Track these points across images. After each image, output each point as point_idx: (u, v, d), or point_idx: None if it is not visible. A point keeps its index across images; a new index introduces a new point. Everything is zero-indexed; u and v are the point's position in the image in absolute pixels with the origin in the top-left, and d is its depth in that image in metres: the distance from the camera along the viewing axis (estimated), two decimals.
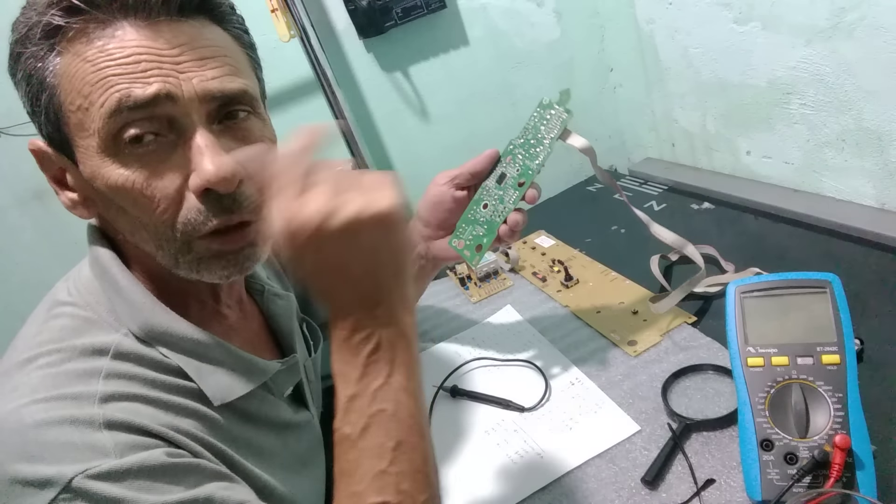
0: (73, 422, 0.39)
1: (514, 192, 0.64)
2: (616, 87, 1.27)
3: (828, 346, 0.51)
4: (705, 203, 1.00)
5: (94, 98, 0.41)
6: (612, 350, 0.73)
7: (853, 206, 0.84)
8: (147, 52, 0.41)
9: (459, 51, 1.14)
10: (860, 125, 0.78)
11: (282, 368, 0.55)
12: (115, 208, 0.45)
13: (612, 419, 0.63)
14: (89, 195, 0.46)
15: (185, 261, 0.46)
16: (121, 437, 0.40)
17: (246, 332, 0.58)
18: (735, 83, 0.94)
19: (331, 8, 1.05)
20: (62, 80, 0.42)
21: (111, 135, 0.41)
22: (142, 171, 0.42)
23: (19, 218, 1.06)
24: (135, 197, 0.43)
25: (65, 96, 0.42)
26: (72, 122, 0.42)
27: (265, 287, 0.62)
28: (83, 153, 0.43)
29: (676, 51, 1.03)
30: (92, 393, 0.41)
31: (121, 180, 0.42)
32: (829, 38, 0.76)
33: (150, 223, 0.44)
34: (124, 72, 0.41)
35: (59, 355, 0.43)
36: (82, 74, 0.41)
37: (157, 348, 0.46)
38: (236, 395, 0.49)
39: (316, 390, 0.68)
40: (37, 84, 0.42)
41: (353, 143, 1.05)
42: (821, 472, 0.46)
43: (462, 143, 1.21)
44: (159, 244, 0.45)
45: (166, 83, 0.41)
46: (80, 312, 0.46)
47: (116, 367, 0.44)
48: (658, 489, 0.55)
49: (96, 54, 0.41)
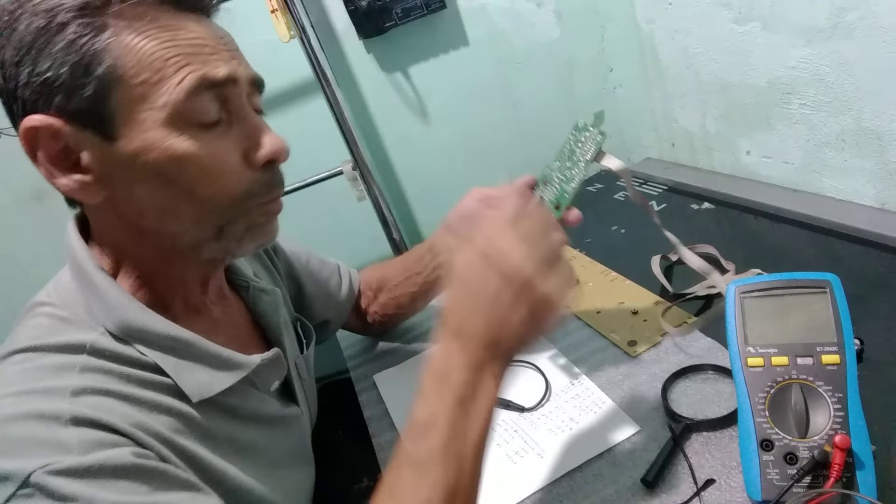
0: (40, 416, 0.39)
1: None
2: (616, 87, 1.27)
3: (828, 346, 0.51)
4: (705, 203, 1.00)
5: (166, 73, 0.43)
6: (612, 350, 0.73)
7: (853, 206, 0.84)
8: (209, 39, 0.45)
9: (459, 51, 1.14)
10: (860, 125, 0.78)
11: (264, 363, 0.55)
12: (156, 184, 0.45)
13: (612, 419, 0.63)
14: (114, 173, 0.45)
15: (234, 229, 0.49)
16: (86, 433, 0.39)
17: (230, 328, 0.58)
18: (735, 83, 0.94)
19: (331, 8, 1.05)
20: (124, 54, 0.42)
21: (185, 109, 0.44)
22: (209, 144, 0.45)
23: (19, 218, 1.06)
24: (201, 167, 0.45)
25: (125, 70, 0.42)
26: (130, 94, 0.43)
27: (250, 283, 0.62)
28: (136, 126, 0.43)
29: (676, 51, 1.03)
30: (64, 387, 0.41)
31: (191, 151, 0.44)
32: (829, 38, 0.76)
33: (206, 194, 0.46)
34: (194, 52, 0.44)
35: (35, 353, 0.43)
36: (152, 50, 0.43)
37: (134, 346, 0.46)
38: (215, 392, 0.49)
39: (310, 388, 0.68)
40: (87, 56, 0.41)
41: (353, 143, 1.05)
42: (821, 472, 0.46)
43: (462, 143, 1.21)
44: (201, 218, 0.47)
45: (229, 66, 0.46)
46: (57, 312, 0.47)
47: (92, 362, 0.44)
48: (658, 489, 0.55)
49: (163, 33, 0.43)
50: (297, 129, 1.12)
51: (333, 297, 0.80)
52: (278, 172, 0.51)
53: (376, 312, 0.86)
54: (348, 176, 1.07)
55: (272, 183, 0.50)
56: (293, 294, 0.75)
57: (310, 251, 0.80)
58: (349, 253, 1.21)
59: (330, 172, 1.09)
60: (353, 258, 0.94)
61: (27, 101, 0.43)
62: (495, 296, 0.43)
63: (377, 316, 0.86)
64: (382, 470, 0.68)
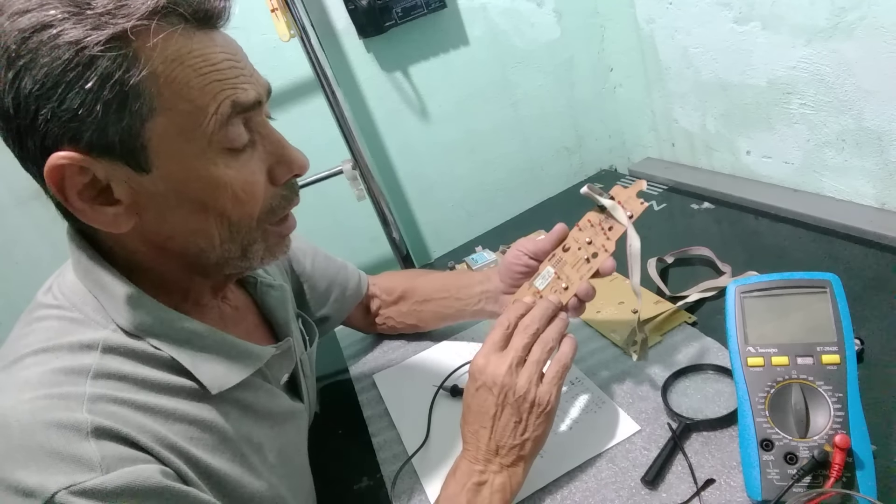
0: (60, 426, 0.38)
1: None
2: (616, 87, 1.27)
3: (828, 346, 0.51)
4: (705, 203, 1.00)
5: (200, 102, 0.42)
6: (612, 350, 0.73)
7: (853, 206, 0.84)
8: (230, 58, 0.44)
9: (459, 51, 1.14)
10: (860, 125, 0.78)
11: (277, 353, 0.55)
12: (188, 210, 0.44)
13: (612, 419, 0.64)
14: (146, 203, 0.44)
15: (256, 249, 0.49)
16: (108, 448, 0.39)
17: (241, 323, 0.58)
18: (735, 83, 0.94)
19: (331, 8, 1.05)
20: (158, 86, 0.40)
21: (219, 138, 0.43)
22: (242, 168, 0.45)
23: (19, 218, 1.06)
24: (234, 191, 0.45)
25: (160, 102, 0.41)
26: (165, 126, 0.41)
27: (258, 279, 0.62)
28: (171, 157, 0.42)
29: (676, 51, 1.03)
30: (80, 394, 0.41)
31: (226, 178, 0.44)
32: (829, 38, 0.76)
33: (237, 216, 0.46)
34: (223, 77, 0.43)
35: (46, 355, 0.43)
36: (185, 80, 0.41)
37: (147, 341, 0.46)
38: (233, 383, 0.49)
39: (311, 385, 0.69)
40: (122, 92, 0.39)
41: (353, 143, 1.05)
42: (821, 472, 0.46)
43: (461, 142, 1.21)
44: (231, 237, 0.47)
45: (254, 87, 0.45)
46: (66, 314, 0.46)
47: (105, 363, 0.43)
48: (658, 489, 0.55)
49: (193, 59, 0.41)
50: (297, 128, 1.11)
51: (337, 295, 0.80)
52: (296, 183, 0.52)
53: (391, 318, 0.86)
54: (348, 175, 1.07)
55: (289, 196, 0.51)
56: (295, 290, 0.75)
57: (316, 248, 0.80)
58: (349, 253, 1.21)
59: (330, 172, 1.09)
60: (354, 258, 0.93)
61: (50, 135, 0.40)
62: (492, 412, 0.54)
63: (391, 321, 0.86)
64: (382, 470, 0.68)
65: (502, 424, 0.53)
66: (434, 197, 1.25)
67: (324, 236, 1.22)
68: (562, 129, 1.28)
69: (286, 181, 0.49)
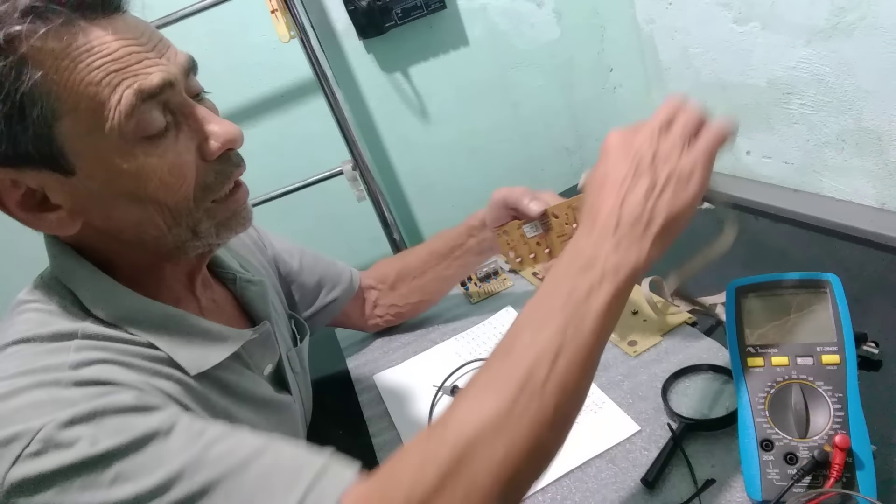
0: (41, 384, 0.39)
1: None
2: (616, 87, 1.27)
3: (828, 346, 0.51)
4: (705, 203, 1.00)
5: (102, 96, 0.41)
6: (612, 350, 0.73)
7: (853, 206, 0.84)
8: (129, 45, 0.42)
9: (459, 51, 1.14)
10: (860, 125, 0.78)
11: (254, 338, 0.56)
12: (125, 203, 0.45)
13: (612, 419, 0.63)
14: (84, 203, 0.45)
15: (204, 228, 0.49)
16: (90, 390, 0.40)
17: (220, 315, 0.59)
18: (735, 83, 0.94)
19: (331, 8, 1.05)
20: (53, 88, 0.40)
21: (131, 128, 0.42)
22: (165, 153, 0.44)
23: None
24: (161, 179, 0.44)
25: (60, 104, 0.40)
26: (73, 127, 0.41)
27: (237, 275, 0.63)
28: (89, 156, 0.42)
29: (676, 51, 1.03)
30: (62, 363, 0.41)
31: (148, 166, 0.44)
32: (829, 38, 0.76)
33: (173, 201, 0.46)
34: (122, 66, 0.41)
35: (26, 344, 0.43)
36: (80, 77, 0.40)
37: (125, 329, 0.47)
38: (211, 364, 0.50)
39: (304, 382, 0.69)
40: (16, 103, 0.39)
41: (353, 143, 1.05)
42: (821, 472, 0.46)
43: (461, 142, 1.21)
44: (176, 222, 0.47)
45: (161, 69, 0.43)
46: (44, 307, 0.47)
47: (86, 342, 0.44)
48: (658, 489, 0.55)
49: (85, 55, 0.40)
50: (297, 129, 1.12)
51: (328, 289, 0.80)
52: (234, 156, 0.50)
53: (395, 305, 0.86)
54: (348, 176, 1.07)
55: (225, 170, 0.49)
56: (285, 291, 0.76)
57: (303, 248, 0.80)
58: (349, 253, 1.21)
59: (330, 172, 1.09)
60: (353, 258, 0.94)
61: None
62: (622, 176, 0.44)
63: (395, 309, 0.86)
64: None
65: (628, 190, 0.43)
66: (434, 197, 1.25)
67: (324, 236, 1.22)
68: (562, 129, 1.28)
69: (220, 156, 0.48)
